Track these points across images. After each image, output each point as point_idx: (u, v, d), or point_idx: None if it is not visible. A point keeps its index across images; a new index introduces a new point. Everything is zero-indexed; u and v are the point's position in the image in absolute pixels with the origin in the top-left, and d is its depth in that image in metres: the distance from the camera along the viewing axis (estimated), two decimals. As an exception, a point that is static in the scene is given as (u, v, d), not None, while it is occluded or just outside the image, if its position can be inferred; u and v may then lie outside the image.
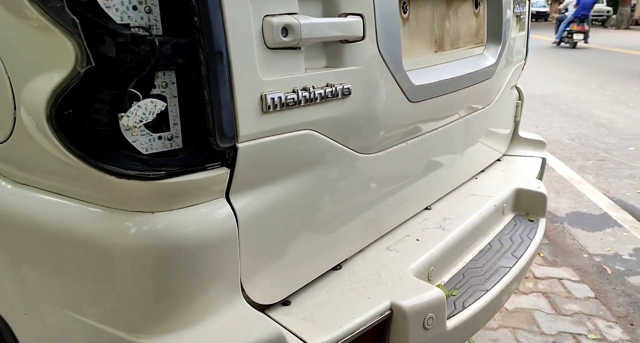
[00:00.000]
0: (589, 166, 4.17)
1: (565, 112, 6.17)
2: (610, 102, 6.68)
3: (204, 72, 0.77)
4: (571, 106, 6.51)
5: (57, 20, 0.71)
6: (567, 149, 4.66)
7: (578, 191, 3.61)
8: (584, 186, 3.71)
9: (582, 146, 4.74)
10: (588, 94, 7.30)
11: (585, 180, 3.83)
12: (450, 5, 1.31)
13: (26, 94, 0.78)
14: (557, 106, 6.44)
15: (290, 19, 0.85)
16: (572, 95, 7.21)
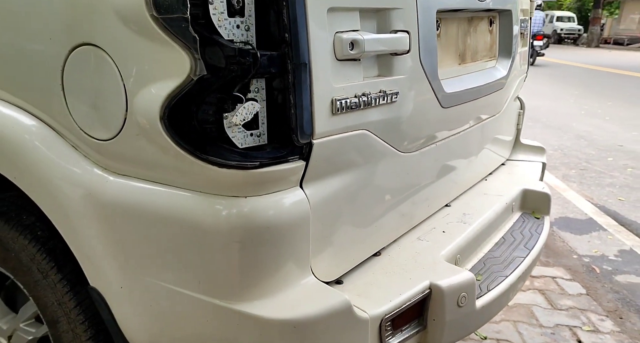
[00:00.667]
0: (573, 175, 4.43)
1: (546, 124, 6.48)
2: (588, 116, 7.05)
3: (291, 79, 0.91)
4: (551, 119, 6.84)
5: (178, 37, 0.84)
6: (551, 159, 4.92)
7: (564, 198, 3.84)
8: (569, 193, 3.95)
9: (564, 156, 5.01)
10: (566, 108, 7.68)
11: (570, 188, 4.07)
12: (471, 23, 1.49)
13: (141, 98, 0.91)
14: (538, 119, 6.76)
15: (356, 35, 1.01)
16: (550, 109, 7.56)
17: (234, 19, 0.88)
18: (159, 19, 0.85)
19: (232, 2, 0.87)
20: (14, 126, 1.08)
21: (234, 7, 0.87)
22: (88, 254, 1.04)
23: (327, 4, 0.95)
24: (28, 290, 1.18)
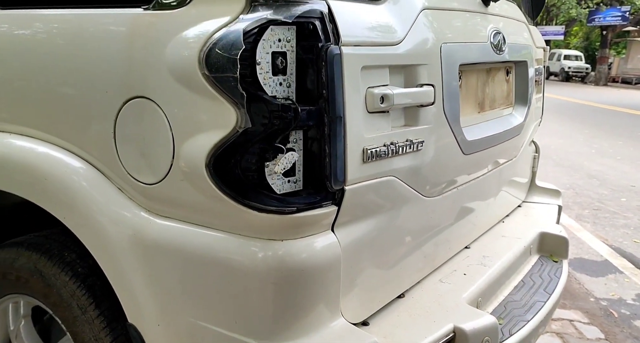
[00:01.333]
0: (586, 215, 4.42)
1: (557, 163, 6.51)
2: (599, 155, 7.07)
3: (327, 131, 0.99)
4: (562, 157, 6.87)
5: (227, 93, 0.92)
6: (564, 198, 4.92)
7: (578, 238, 3.83)
8: (583, 233, 3.94)
9: (577, 196, 5.02)
10: (576, 147, 7.72)
11: (584, 228, 4.06)
12: (489, 73, 1.57)
13: (188, 146, 0.98)
14: (550, 157, 6.79)
15: (386, 90, 1.08)
16: (561, 147, 7.60)
17: (277, 77, 0.96)
18: (210, 78, 0.94)
19: (277, 62, 0.96)
20: (65, 169, 1.15)
21: (278, 67, 0.96)
22: (129, 291, 1.09)
23: (361, 63, 1.03)
24: (66, 326, 1.22)
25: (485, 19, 1.48)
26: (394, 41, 1.11)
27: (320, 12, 0.97)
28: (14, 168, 1.20)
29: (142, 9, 1.05)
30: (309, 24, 0.96)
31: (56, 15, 1.18)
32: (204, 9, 0.98)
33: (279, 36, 0.95)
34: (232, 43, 0.91)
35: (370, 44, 1.06)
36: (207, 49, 0.93)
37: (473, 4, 1.44)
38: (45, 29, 1.20)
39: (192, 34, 0.97)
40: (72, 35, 1.14)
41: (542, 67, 2.00)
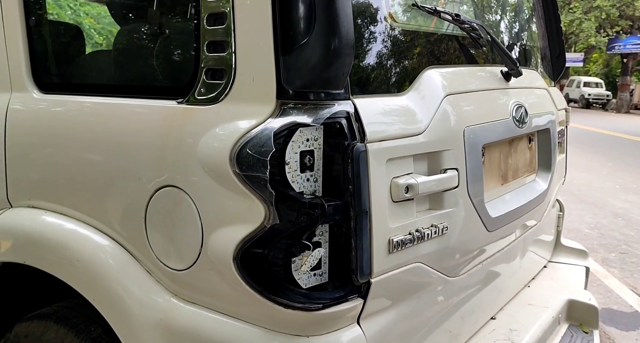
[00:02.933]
0: (613, 259, 4.30)
1: (579, 199, 6.38)
2: (623, 191, 6.91)
3: (353, 225, 1.00)
4: (584, 192, 6.73)
5: (256, 191, 0.95)
6: (588, 239, 4.81)
7: (605, 286, 3.71)
8: (611, 280, 3.82)
9: (602, 237, 4.89)
10: (599, 181, 7.56)
11: (611, 274, 3.94)
12: (512, 144, 1.58)
13: (216, 238, 1.01)
14: (572, 192, 6.66)
15: (411, 179, 1.10)
16: (583, 181, 7.46)
17: (305, 174, 0.98)
18: (241, 175, 0.96)
19: (305, 160, 0.98)
20: (97, 251, 1.19)
21: (305, 165, 0.98)
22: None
23: (386, 157, 1.05)
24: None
25: (507, 94, 1.50)
26: (418, 131, 1.13)
27: (346, 113, 1.00)
28: (48, 248, 1.24)
29: (177, 102, 1.10)
30: (336, 123, 0.99)
31: (94, 103, 1.23)
32: (237, 107, 1.02)
33: (307, 136, 0.98)
34: (262, 144, 0.94)
35: (395, 137, 1.08)
36: (238, 148, 0.96)
37: (494, 81, 1.46)
38: (83, 115, 1.25)
39: (225, 131, 1.01)
40: (109, 123, 1.20)
41: (564, 128, 2.00)
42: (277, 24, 0.96)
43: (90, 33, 7.58)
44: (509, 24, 1.76)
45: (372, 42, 1.11)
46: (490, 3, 1.64)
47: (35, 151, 1.30)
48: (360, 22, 1.09)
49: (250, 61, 1.00)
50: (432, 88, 1.21)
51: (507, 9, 1.74)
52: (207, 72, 1.05)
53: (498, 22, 1.70)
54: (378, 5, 1.11)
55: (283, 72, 0.97)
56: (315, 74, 0.96)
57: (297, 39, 0.95)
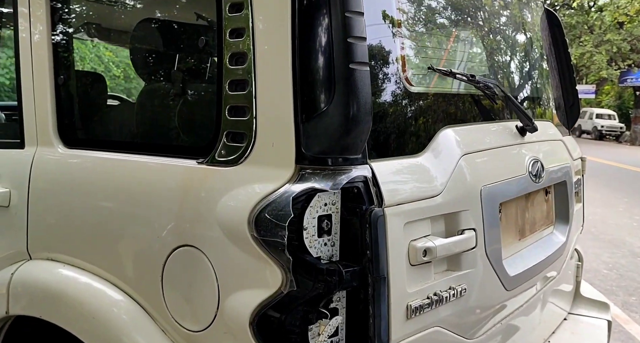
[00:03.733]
0: (633, 303, 4.17)
1: (596, 236, 6.25)
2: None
3: (370, 291, 0.99)
4: (601, 230, 6.60)
5: (274, 255, 0.95)
6: (607, 280, 4.69)
7: (627, 333, 3.59)
8: (632, 326, 3.69)
9: (621, 278, 4.76)
10: (616, 218, 7.42)
11: (633, 319, 3.81)
12: (528, 199, 1.57)
13: (232, 301, 1.01)
14: (587, 230, 6.51)
15: (429, 242, 1.09)
16: (599, 217, 7.32)
17: (322, 238, 0.99)
18: (259, 239, 0.97)
19: (322, 225, 0.99)
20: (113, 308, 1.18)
21: (323, 229, 0.99)
22: None
23: (404, 221, 1.05)
24: None
25: (523, 149, 1.50)
26: (435, 193, 1.13)
27: (364, 177, 1.00)
28: (66, 303, 1.24)
29: (197, 162, 1.12)
30: (353, 188, 1.00)
31: (115, 159, 1.26)
32: (256, 170, 1.03)
33: (325, 201, 0.98)
34: (281, 209, 0.95)
35: (412, 200, 1.09)
36: (257, 212, 0.97)
37: (510, 136, 1.46)
38: (105, 172, 1.28)
39: (244, 194, 1.02)
40: (129, 180, 1.22)
41: (581, 178, 1.98)
42: (298, 92, 0.99)
43: (109, 66, 7.76)
44: (523, 76, 1.78)
45: (389, 105, 1.13)
46: (506, 56, 1.67)
47: (56, 205, 1.32)
48: (377, 86, 1.11)
49: (270, 126, 1.02)
50: (448, 148, 1.22)
51: (522, 61, 1.77)
52: (227, 135, 1.07)
53: (513, 74, 1.72)
54: (394, 70, 1.13)
55: (302, 138, 0.99)
56: (334, 141, 0.98)
57: (317, 107, 0.97)
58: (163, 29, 1.47)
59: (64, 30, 1.40)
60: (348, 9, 0.95)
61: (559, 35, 1.92)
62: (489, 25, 1.58)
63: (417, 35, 1.27)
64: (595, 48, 22.86)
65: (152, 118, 1.41)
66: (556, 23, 1.91)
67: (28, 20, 1.38)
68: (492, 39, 1.59)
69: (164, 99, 1.38)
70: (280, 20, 0.99)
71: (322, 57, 0.96)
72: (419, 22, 1.30)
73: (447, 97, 1.30)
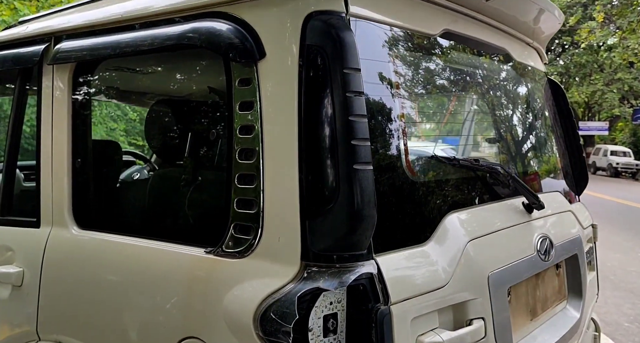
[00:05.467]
0: (658, 361, 3.98)
1: (616, 285, 6.05)
2: (663, 276, 6.53)
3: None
4: (620, 277, 6.39)
5: None
6: (628, 334, 4.50)
7: (653, 395, 3.40)
8: (659, 388, 3.51)
9: (644, 332, 4.57)
10: (636, 264, 7.20)
11: (658, 380, 3.63)
12: (538, 276, 1.55)
13: None
14: (606, 277, 6.33)
15: (436, 337, 1.08)
16: (618, 263, 7.11)
17: (328, 338, 0.98)
18: (264, 339, 0.97)
19: (328, 325, 0.99)
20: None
21: (328, 329, 0.98)
22: None
23: (411, 315, 1.05)
24: None
25: (530, 227, 1.49)
26: (441, 284, 1.13)
27: (370, 274, 1.01)
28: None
29: (205, 251, 1.13)
30: (359, 285, 1.00)
31: (124, 244, 1.28)
32: (262, 264, 1.05)
33: (331, 299, 0.99)
34: (286, 309, 0.96)
35: (419, 294, 1.08)
36: (262, 310, 0.98)
37: (516, 215, 1.46)
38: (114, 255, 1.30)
39: (250, 289, 1.03)
40: (137, 266, 1.24)
41: (593, 246, 1.96)
42: (304, 190, 1.01)
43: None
44: (530, 145, 1.80)
45: (392, 197, 1.15)
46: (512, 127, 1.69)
47: (66, 287, 1.34)
48: (380, 179, 1.13)
49: (277, 221, 1.04)
50: (454, 235, 1.22)
51: (528, 130, 1.79)
52: (235, 227, 1.10)
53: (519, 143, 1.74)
54: (397, 162, 1.16)
55: (308, 235, 1.01)
56: (339, 239, 1.00)
57: (323, 205, 0.99)
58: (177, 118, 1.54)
59: (84, 117, 1.47)
60: (352, 113, 0.98)
61: (564, 104, 1.95)
62: (495, 99, 1.62)
63: (421, 123, 1.31)
64: (606, 86, 22.94)
65: (164, 203, 1.45)
66: (560, 92, 1.95)
67: (51, 103, 1.46)
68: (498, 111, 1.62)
69: (176, 185, 1.42)
70: (288, 121, 1.04)
71: (327, 158, 1.00)
72: (423, 111, 1.34)
73: (450, 182, 1.31)
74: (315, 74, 1.01)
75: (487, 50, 1.56)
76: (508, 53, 1.64)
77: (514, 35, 1.68)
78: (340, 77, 0.99)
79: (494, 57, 1.60)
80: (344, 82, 0.99)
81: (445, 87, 1.41)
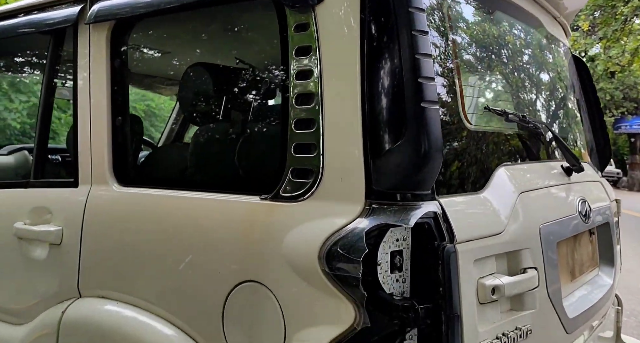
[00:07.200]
0: (662, 353, 4.01)
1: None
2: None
3: (444, 330, 0.97)
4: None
5: (347, 291, 0.94)
6: (626, 328, 4.54)
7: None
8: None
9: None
10: (625, 263, 7.28)
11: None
12: (576, 239, 1.56)
13: (301, 337, 0.99)
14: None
15: (496, 280, 1.08)
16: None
17: (394, 275, 0.98)
18: (330, 275, 0.96)
19: (395, 261, 0.98)
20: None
21: (395, 265, 0.98)
22: None
23: (473, 257, 1.05)
24: None
25: (571, 189, 1.51)
26: (498, 230, 1.13)
27: (434, 213, 1.01)
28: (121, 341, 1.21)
29: (260, 198, 1.12)
30: (424, 224, 1.00)
31: (174, 197, 1.27)
32: (323, 205, 1.04)
33: (397, 237, 0.99)
34: (354, 244, 0.95)
35: (480, 237, 1.08)
36: (328, 247, 0.97)
37: (557, 176, 1.48)
38: (162, 209, 1.28)
39: (312, 229, 1.02)
40: (188, 217, 1.22)
41: (617, 220, 1.98)
42: (368, 130, 1.01)
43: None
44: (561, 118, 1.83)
45: (452, 142, 1.16)
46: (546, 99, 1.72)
47: (111, 243, 1.31)
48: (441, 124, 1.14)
49: (338, 163, 1.04)
50: (506, 186, 1.23)
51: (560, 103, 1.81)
52: (292, 172, 1.09)
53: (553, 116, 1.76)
54: (455, 109, 1.17)
55: (373, 174, 1.00)
56: (404, 177, 1.00)
57: (388, 144, 0.99)
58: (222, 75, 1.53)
59: (123, 73, 1.46)
60: (418, 52, 0.99)
61: (588, 80, 1.99)
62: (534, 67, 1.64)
63: (472, 75, 1.32)
64: (589, 96, 23.39)
65: (210, 156, 1.43)
66: (584, 68, 1.99)
67: (88, 63, 1.44)
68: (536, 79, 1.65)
69: (224, 138, 1.41)
70: (350, 62, 1.04)
71: (392, 97, 1.00)
72: (474, 63, 1.35)
73: (500, 137, 1.33)
74: (379, 12, 1.02)
75: (525, 18, 1.59)
76: (542, 24, 1.67)
77: (544, 8, 1.71)
78: (405, 16, 1.00)
79: (531, 25, 1.63)
80: (409, 20, 1.00)
81: (492, 46, 1.43)
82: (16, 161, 2.30)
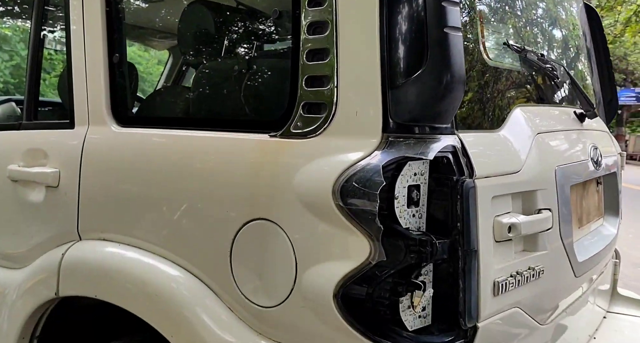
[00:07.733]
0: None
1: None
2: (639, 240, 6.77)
3: (461, 265, 0.95)
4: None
5: (362, 226, 0.91)
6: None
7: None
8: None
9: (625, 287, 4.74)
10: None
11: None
12: (584, 187, 1.55)
13: (313, 274, 0.95)
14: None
15: (513, 218, 1.06)
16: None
17: (411, 209, 0.95)
18: (345, 209, 0.92)
19: (412, 195, 0.95)
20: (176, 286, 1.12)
21: (412, 200, 0.95)
22: None
23: (491, 193, 1.02)
24: None
25: (584, 135, 1.49)
26: (516, 169, 1.11)
27: (453, 147, 0.97)
28: (124, 282, 1.18)
29: (269, 135, 1.07)
30: (443, 158, 0.96)
31: (178, 136, 1.21)
32: (337, 140, 0.99)
33: (415, 170, 0.95)
34: (370, 177, 0.91)
35: (498, 174, 1.05)
36: (343, 181, 0.93)
37: (570, 121, 1.45)
38: (166, 148, 1.22)
39: (325, 164, 0.98)
40: (194, 156, 1.16)
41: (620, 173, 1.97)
42: (386, 58, 0.95)
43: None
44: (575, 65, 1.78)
45: (472, 77, 1.11)
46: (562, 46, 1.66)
47: (111, 184, 1.26)
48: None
49: (354, 95, 0.99)
50: (523, 125, 1.20)
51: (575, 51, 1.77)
52: (304, 107, 1.03)
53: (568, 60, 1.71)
54: (475, 44, 1.11)
55: (390, 105, 0.95)
56: (426, 108, 0.95)
57: (409, 72, 0.94)
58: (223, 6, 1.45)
59: (119, 9, 1.37)
60: None
61: (598, 31, 1.93)
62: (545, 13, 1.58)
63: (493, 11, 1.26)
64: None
65: (214, 94, 1.37)
66: (596, 17, 1.93)
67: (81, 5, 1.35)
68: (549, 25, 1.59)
69: (227, 75, 1.34)
70: None
71: (413, 21, 0.94)
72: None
73: (519, 76, 1.28)
74: None
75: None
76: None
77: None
78: None
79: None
80: None
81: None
82: (3, 111, 2.20)
